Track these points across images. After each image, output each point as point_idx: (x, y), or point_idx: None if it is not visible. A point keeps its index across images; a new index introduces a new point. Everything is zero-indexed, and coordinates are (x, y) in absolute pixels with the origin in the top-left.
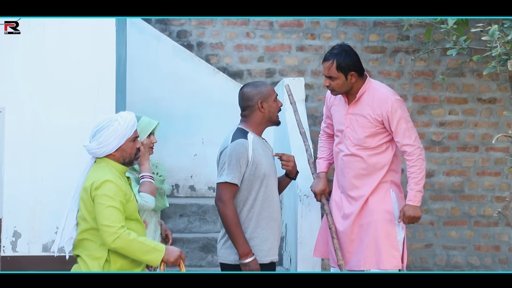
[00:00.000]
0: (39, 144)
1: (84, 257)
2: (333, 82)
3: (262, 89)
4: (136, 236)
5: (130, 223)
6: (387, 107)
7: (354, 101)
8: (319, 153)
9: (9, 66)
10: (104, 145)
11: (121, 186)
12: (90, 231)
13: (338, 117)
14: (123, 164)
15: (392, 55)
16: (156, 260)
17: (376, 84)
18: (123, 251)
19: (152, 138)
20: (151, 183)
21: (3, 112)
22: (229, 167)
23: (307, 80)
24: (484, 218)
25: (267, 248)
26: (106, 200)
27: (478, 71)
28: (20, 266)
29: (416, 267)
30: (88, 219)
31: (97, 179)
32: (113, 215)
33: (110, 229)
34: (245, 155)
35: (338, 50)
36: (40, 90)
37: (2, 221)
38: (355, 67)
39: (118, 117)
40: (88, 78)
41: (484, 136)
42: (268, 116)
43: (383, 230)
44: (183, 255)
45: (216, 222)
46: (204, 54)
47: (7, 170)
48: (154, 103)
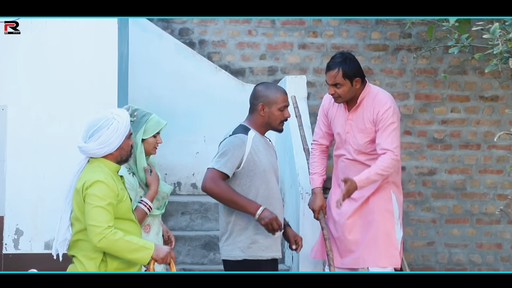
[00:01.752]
0: (41, 142)
1: (80, 257)
2: (338, 90)
3: (270, 94)
4: (123, 235)
5: (123, 223)
6: (382, 109)
7: (355, 107)
8: (312, 168)
9: (11, 64)
10: (106, 145)
11: (112, 187)
12: (84, 232)
13: (338, 122)
14: (118, 163)
15: (394, 53)
16: (144, 258)
17: (376, 89)
18: (109, 250)
19: (158, 138)
20: (145, 214)
21: (5, 110)
22: (221, 155)
23: (309, 78)
24: (486, 216)
25: (269, 244)
26: (94, 200)
27: (480, 69)
28: (22, 264)
29: (418, 265)
30: (81, 219)
31: (88, 179)
32: (100, 216)
33: (96, 229)
34: (240, 148)
35: (341, 58)
36: (42, 88)
37: (4, 219)
38: (360, 73)
39: (115, 115)
40: (90, 76)
41: (486, 134)
42: (267, 121)
43: (383, 229)
44: (173, 254)
45: (217, 220)
46: (206, 52)
47: (10, 168)
48: (156, 101)
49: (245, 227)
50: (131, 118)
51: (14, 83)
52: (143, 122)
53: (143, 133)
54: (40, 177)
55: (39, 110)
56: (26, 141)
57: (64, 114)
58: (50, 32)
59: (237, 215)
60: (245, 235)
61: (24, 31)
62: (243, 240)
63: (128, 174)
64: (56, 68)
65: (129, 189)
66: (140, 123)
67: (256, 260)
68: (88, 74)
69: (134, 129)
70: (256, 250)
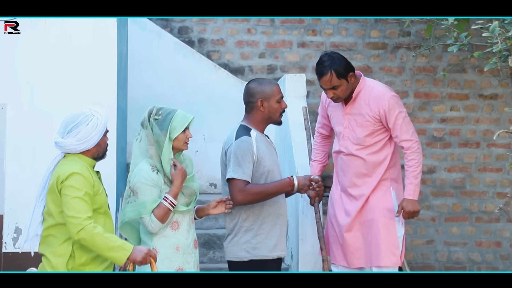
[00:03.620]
0: (40, 140)
1: (48, 254)
2: (337, 91)
3: (266, 88)
4: (102, 231)
5: (98, 216)
6: (384, 104)
7: (351, 101)
8: (313, 155)
9: (11, 63)
10: (84, 141)
11: (88, 178)
12: (56, 227)
13: (336, 117)
14: (95, 159)
15: (394, 51)
16: (120, 259)
17: (371, 82)
18: (87, 243)
19: (188, 133)
20: (168, 211)
21: (5, 109)
22: (236, 164)
23: (309, 76)
24: (486, 214)
25: (273, 243)
26: (72, 191)
27: (479, 67)
28: (21, 263)
29: (417, 263)
30: (54, 214)
31: (63, 173)
32: (79, 206)
33: (75, 220)
34: (250, 152)
35: (328, 60)
36: (41, 87)
37: (3, 218)
38: (350, 68)
39: (93, 112)
40: (89, 75)
41: (486, 132)
42: (267, 116)
43: (383, 228)
44: (152, 254)
45: (217, 218)
46: (205, 51)
47: (9, 166)
48: (155, 99)
49: (250, 228)
50: (156, 116)
51: (13, 81)
52: (169, 120)
53: (172, 131)
54: (39, 175)
55: (38, 108)
56: (25, 140)
57: (63, 112)
58: (49, 31)
59: (242, 216)
60: (250, 235)
61: (24, 30)
62: (249, 240)
63: (152, 171)
64: (55, 67)
65: (153, 186)
66: (166, 121)
67: (262, 260)
68: (87, 73)
69: (160, 128)
70: (262, 250)
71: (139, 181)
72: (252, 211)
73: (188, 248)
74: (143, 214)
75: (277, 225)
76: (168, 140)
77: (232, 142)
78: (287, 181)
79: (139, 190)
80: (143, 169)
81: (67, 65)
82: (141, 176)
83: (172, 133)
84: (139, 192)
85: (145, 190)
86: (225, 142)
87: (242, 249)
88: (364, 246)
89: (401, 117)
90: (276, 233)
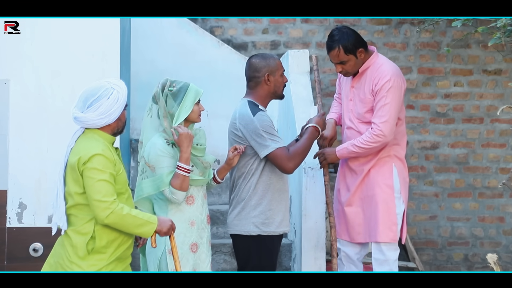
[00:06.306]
0: (43, 116)
1: (69, 231)
2: (345, 66)
3: (270, 62)
4: (129, 210)
5: (120, 196)
6: (381, 83)
7: (358, 75)
8: (331, 109)
9: (13, 38)
10: (106, 115)
11: (110, 158)
12: (76, 207)
13: (345, 90)
14: (114, 134)
15: (397, 27)
16: (148, 232)
17: (382, 60)
18: (116, 226)
19: (201, 106)
20: (186, 178)
21: (8, 84)
22: (269, 137)
23: (312, 52)
24: (489, 190)
25: (280, 219)
26: (95, 173)
27: (484, 42)
28: (26, 238)
29: (420, 239)
30: (74, 195)
31: (85, 154)
32: (104, 189)
33: (102, 204)
34: (272, 123)
35: (338, 34)
36: (45, 62)
37: (7, 193)
38: (361, 44)
39: (113, 85)
40: (92, 50)
41: (489, 107)
42: (273, 90)
43: (382, 204)
44: (174, 225)
45: (220, 194)
46: (208, 26)
47: (12, 142)
48: (158, 74)
49: (259, 202)
50: (170, 88)
51: (16, 56)
52: (183, 91)
53: (186, 106)
54: (43, 150)
55: (41, 84)
56: (28, 115)
57: (66, 87)
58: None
59: (252, 191)
60: (259, 210)
61: None
62: (258, 215)
63: (168, 145)
64: (58, 42)
65: (170, 157)
66: (180, 92)
67: (269, 235)
68: (90, 48)
69: (174, 99)
70: (271, 226)
71: (156, 153)
72: (260, 185)
73: (202, 223)
74: (161, 188)
75: (283, 200)
76: (178, 113)
77: (250, 119)
78: (311, 128)
79: (156, 163)
80: (157, 142)
81: (70, 40)
82: (157, 149)
83: (187, 107)
84: (156, 165)
85: (163, 162)
86: (235, 118)
87: (251, 223)
88: (364, 222)
89: (386, 103)
90: (282, 208)
